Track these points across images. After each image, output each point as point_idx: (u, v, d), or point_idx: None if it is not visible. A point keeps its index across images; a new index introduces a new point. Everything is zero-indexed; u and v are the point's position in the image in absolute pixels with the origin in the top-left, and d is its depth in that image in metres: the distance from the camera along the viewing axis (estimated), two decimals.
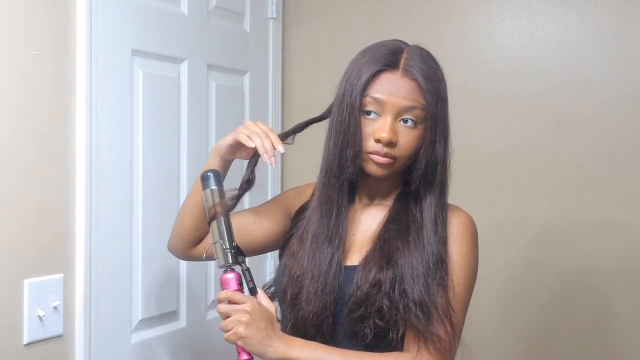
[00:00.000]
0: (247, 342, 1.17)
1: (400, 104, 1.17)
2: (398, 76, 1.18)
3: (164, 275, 1.79)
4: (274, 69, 2.23)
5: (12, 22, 1.39)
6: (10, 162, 1.40)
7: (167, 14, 1.80)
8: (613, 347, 1.88)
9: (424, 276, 1.16)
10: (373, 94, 1.17)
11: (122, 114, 1.65)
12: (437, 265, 1.17)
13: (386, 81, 1.18)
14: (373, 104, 1.18)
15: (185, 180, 1.85)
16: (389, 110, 1.17)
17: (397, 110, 1.17)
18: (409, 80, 1.18)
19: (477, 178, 1.99)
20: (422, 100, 1.18)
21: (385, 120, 1.17)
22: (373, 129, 1.18)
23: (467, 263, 1.21)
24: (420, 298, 1.14)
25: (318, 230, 1.24)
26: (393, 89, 1.17)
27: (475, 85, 2.02)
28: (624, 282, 1.86)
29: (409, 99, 1.17)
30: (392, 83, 1.17)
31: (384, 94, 1.17)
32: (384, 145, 1.17)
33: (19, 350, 1.42)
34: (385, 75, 1.18)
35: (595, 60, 1.89)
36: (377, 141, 1.17)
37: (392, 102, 1.17)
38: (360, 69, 1.19)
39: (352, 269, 1.21)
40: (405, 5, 2.12)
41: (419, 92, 1.18)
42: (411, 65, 1.18)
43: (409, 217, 1.22)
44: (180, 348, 1.83)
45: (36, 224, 1.45)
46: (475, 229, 1.25)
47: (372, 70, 1.18)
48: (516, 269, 1.97)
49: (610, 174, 1.87)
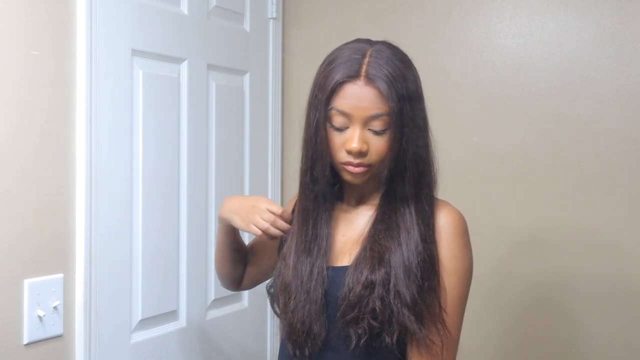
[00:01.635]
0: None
1: (365, 114, 1.16)
2: (360, 85, 1.17)
3: (164, 275, 1.79)
4: (274, 69, 2.23)
5: (12, 22, 1.39)
6: (10, 162, 1.40)
7: (167, 14, 1.80)
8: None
9: (416, 276, 1.15)
10: (338, 107, 1.17)
11: (122, 114, 1.65)
12: (428, 267, 1.17)
13: (349, 92, 1.17)
14: (339, 115, 1.18)
15: (185, 180, 1.85)
16: (355, 121, 1.17)
17: (363, 120, 1.17)
18: (371, 88, 1.16)
19: (476, 178, 1.99)
20: (385, 107, 1.16)
21: (353, 131, 1.17)
22: (343, 139, 1.18)
23: (459, 266, 1.21)
24: (413, 299, 1.14)
25: (297, 241, 1.26)
26: (356, 99, 1.16)
27: (475, 85, 2.02)
28: (623, 282, 1.86)
29: (373, 108, 1.16)
30: (355, 94, 1.16)
31: (348, 106, 1.17)
32: (355, 156, 1.18)
33: (19, 350, 1.42)
34: (348, 86, 1.17)
35: (595, 60, 1.89)
36: (349, 152, 1.18)
37: (357, 113, 1.16)
38: (324, 81, 1.19)
39: (342, 270, 1.21)
40: (405, 5, 2.12)
41: (382, 99, 1.16)
42: (373, 72, 1.17)
43: (397, 215, 1.22)
44: (180, 348, 1.83)
45: (36, 224, 1.45)
46: (465, 226, 1.24)
47: (333, 83, 1.17)
48: (516, 269, 1.97)
49: (610, 174, 1.87)
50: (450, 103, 2.02)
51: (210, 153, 1.95)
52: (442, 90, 2.02)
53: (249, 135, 2.12)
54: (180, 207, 1.85)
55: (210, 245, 1.94)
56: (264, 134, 2.20)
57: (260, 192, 2.17)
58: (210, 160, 1.95)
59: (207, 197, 1.94)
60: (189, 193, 1.86)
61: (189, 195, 1.86)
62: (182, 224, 1.85)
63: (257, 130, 2.16)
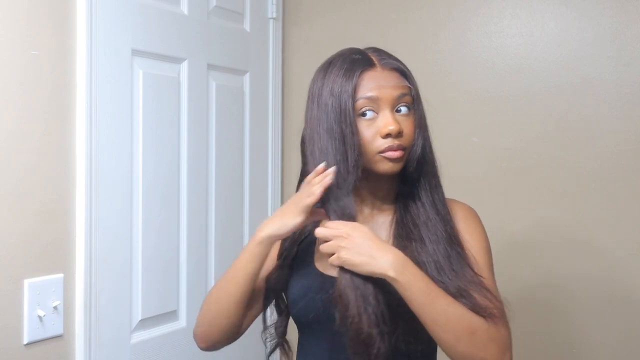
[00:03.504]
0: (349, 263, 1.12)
1: (393, 94, 1.18)
2: (379, 71, 1.19)
3: (164, 275, 1.79)
4: (274, 69, 2.23)
5: (12, 22, 1.39)
6: (10, 162, 1.40)
7: (167, 14, 1.80)
8: None
9: (449, 265, 1.16)
10: (365, 94, 1.17)
11: (122, 113, 1.65)
12: (453, 247, 1.18)
13: (371, 78, 1.18)
14: (367, 104, 1.17)
15: (185, 180, 1.85)
16: (384, 104, 1.17)
17: (392, 102, 1.18)
18: (390, 71, 1.20)
19: (476, 178, 1.99)
20: (408, 86, 1.20)
21: (384, 114, 1.17)
22: (376, 127, 1.17)
23: (479, 239, 1.23)
24: (456, 287, 1.14)
25: None
26: (381, 83, 1.18)
27: (475, 85, 2.02)
28: (622, 282, 1.86)
29: (398, 88, 1.19)
30: (377, 78, 1.18)
31: (375, 90, 1.17)
32: (394, 137, 1.17)
33: (19, 350, 1.42)
34: (368, 74, 1.18)
35: (595, 60, 1.89)
36: (387, 136, 1.17)
37: (385, 95, 1.17)
38: (335, 79, 1.18)
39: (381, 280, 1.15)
40: (405, 5, 2.12)
41: (402, 80, 1.20)
42: (383, 59, 1.21)
43: (413, 215, 1.22)
44: (180, 348, 1.83)
45: (36, 224, 1.45)
46: (478, 217, 1.27)
47: (355, 73, 1.18)
48: (515, 268, 1.97)
49: (610, 174, 1.87)
50: (450, 103, 2.02)
51: (210, 153, 1.95)
52: (442, 90, 2.02)
53: (249, 135, 2.12)
54: (180, 207, 1.85)
55: (211, 245, 1.94)
56: (264, 134, 2.19)
57: (260, 192, 2.17)
58: (210, 160, 1.95)
59: (207, 197, 1.94)
60: (189, 193, 1.86)
61: (189, 195, 1.86)
62: (182, 224, 1.85)
63: (257, 130, 2.16)
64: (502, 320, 1.15)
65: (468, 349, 1.10)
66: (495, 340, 1.12)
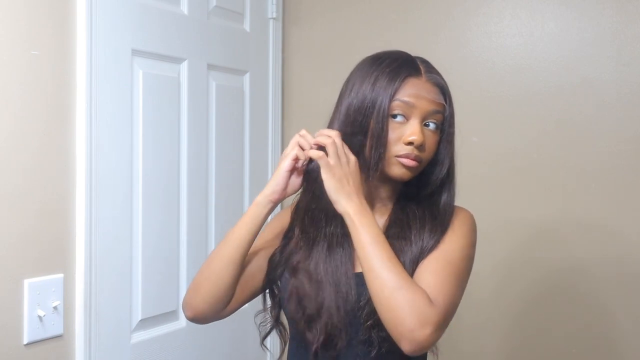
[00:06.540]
0: (324, 177, 1.15)
1: (429, 107, 1.20)
2: (423, 81, 1.21)
3: (164, 275, 1.79)
4: (274, 69, 2.23)
5: (12, 22, 1.39)
6: (10, 162, 1.40)
7: (167, 14, 1.80)
8: (608, 348, 1.88)
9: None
10: (402, 98, 1.19)
11: (122, 113, 1.65)
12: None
13: (413, 86, 1.20)
14: (402, 107, 1.19)
15: (185, 180, 1.85)
16: (417, 114, 1.19)
17: (424, 114, 1.20)
18: (432, 85, 1.22)
19: (477, 178, 1.99)
20: (443, 105, 1.22)
21: (414, 123, 1.19)
22: (401, 132, 1.19)
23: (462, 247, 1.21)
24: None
25: (322, 242, 1.24)
26: (421, 93, 1.20)
27: (475, 85, 2.02)
28: (622, 282, 1.86)
29: (435, 103, 1.21)
30: (419, 87, 1.20)
31: (413, 97, 1.19)
32: (415, 147, 1.19)
33: (19, 350, 1.42)
34: (412, 80, 1.20)
35: (595, 60, 1.89)
36: (409, 144, 1.18)
37: (421, 105, 1.19)
38: (379, 75, 1.21)
39: (361, 276, 1.17)
40: (405, 5, 2.12)
41: (442, 96, 1.22)
42: (429, 72, 1.23)
43: (409, 216, 1.23)
44: (180, 348, 1.83)
45: (36, 224, 1.45)
46: (474, 225, 1.26)
47: (400, 76, 1.20)
48: (514, 268, 1.97)
49: (610, 174, 1.87)
50: None
51: (210, 153, 1.95)
52: None
53: (249, 135, 2.12)
54: (180, 207, 1.85)
55: (211, 245, 1.94)
56: (264, 134, 2.20)
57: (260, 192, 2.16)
58: (210, 160, 1.95)
59: (207, 197, 1.94)
60: (189, 193, 1.86)
61: (189, 196, 1.86)
62: (182, 224, 1.85)
63: (257, 130, 2.16)
64: (437, 308, 1.10)
65: (389, 302, 1.08)
66: (420, 307, 1.07)
